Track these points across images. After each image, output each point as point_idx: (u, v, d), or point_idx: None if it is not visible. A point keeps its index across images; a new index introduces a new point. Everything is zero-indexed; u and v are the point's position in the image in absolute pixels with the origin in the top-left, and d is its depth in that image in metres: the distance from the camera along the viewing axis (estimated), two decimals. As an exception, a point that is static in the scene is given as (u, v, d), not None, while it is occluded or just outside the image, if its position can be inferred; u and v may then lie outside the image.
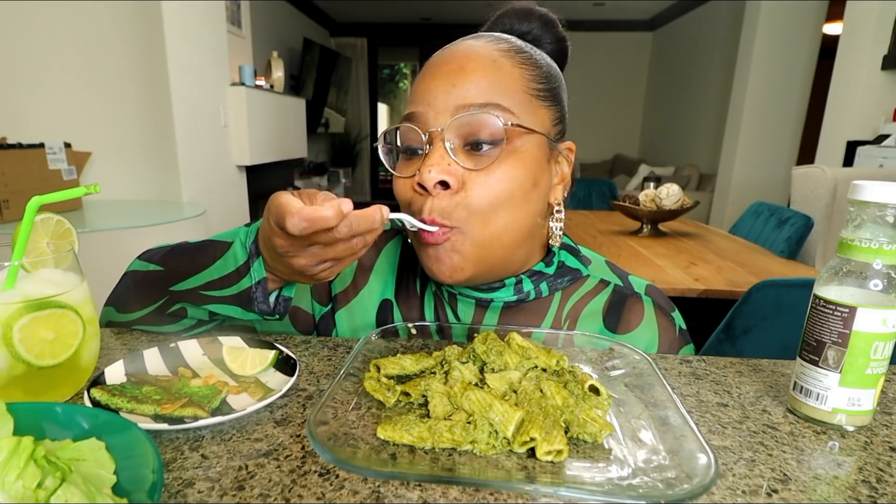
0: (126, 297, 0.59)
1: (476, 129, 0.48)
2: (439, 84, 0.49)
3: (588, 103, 6.72)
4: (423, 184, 0.48)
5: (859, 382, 0.43)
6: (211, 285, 0.51)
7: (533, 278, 0.57)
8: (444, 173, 0.48)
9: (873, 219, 0.42)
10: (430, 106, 0.50)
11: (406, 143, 0.52)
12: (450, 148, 0.48)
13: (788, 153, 4.19)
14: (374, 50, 7.06)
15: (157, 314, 0.57)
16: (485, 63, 0.50)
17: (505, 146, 0.49)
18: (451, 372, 0.47)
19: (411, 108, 0.52)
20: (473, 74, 0.49)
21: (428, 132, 0.49)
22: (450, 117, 0.48)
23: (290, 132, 3.75)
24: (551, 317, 0.58)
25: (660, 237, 2.12)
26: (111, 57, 2.22)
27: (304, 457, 0.38)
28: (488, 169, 0.49)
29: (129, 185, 2.36)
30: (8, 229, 1.70)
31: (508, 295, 0.56)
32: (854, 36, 2.96)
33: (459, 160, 0.49)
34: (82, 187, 0.47)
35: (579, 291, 0.59)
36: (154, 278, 0.56)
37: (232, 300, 0.51)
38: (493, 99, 0.49)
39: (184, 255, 0.54)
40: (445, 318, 0.61)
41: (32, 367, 0.42)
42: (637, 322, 0.57)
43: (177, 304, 0.55)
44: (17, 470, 0.27)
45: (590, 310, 0.58)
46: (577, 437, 0.41)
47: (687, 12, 5.53)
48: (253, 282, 0.49)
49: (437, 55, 0.53)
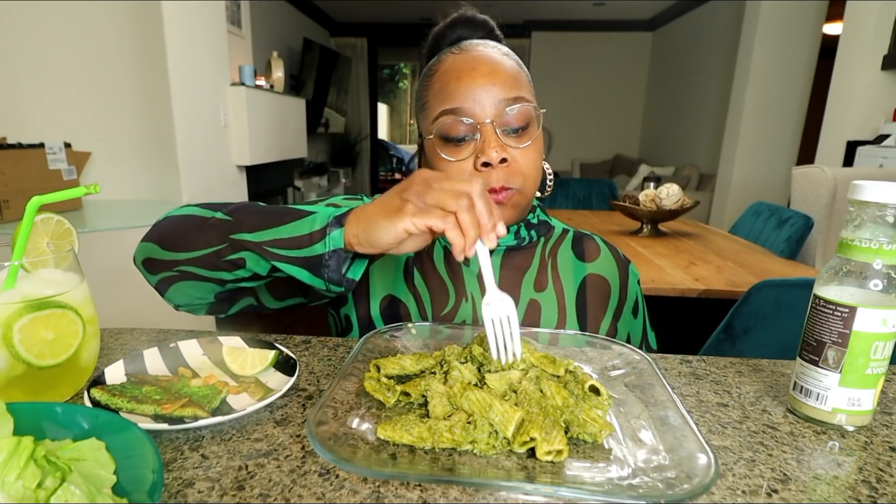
0: (176, 237, 0.59)
1: (516, 117, 0.63)
2: (481, 84, 0.62)
3: (588, 103, 6.72)
4: (491, 162, 0.61)
5: (859, 382, 0.43)
6: (278, 243, 0.52)
7: (526, 226, 0.71)
8: (504, 153, 0.62)
9: (873, 219, 0.42)
10: (476, 102, 0.62)
11: (455, 133, 0.63)
12: (500, 133, 0.62)
13: (788, 153, 4.18)
14: (374, 50, 7.06)
15: (212, 258, 0.56)
16: (504, 65, 0.64)
17: (533, 126, 0.64)
18: (450, 372, 0.47)
19: (455, 104, 0.63)
20: (503, 75, 0.63)
21: (479, 123, 0.62)
22: (493, 109, 0.62)
23: (290, 132, 3.75)
24: (538, 256, 0.73)
25: (660, 237, 2.12)
26: (111, 57, 2.21)
27: (304, 457, 0.38)
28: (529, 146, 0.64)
29: (129, 185, 2.36)
30: (8, 229, 1.70)
31: (510, 240, 0.70)
32: (854, 36, 2.96)
33: (509, 143, 0.63)
34: (82, 187, 0.47)
35: (552, 237, 0.76)
36: (215, 224, 0.57)
37: (300, 262, 0.52)
38: (518, 92, 0.63)
39: (256, 211, 0.56)
40: (458, 266, 0.71)
41: (32, 367, 0.42)
42: (597, 252, 0.75)
43: (237, 252, 0.55)
44: (17, 470, 0.27)
45: (563, 248, 0.75)
46: (577, 437, 0.41)
47: (687, 12, 5.53)
48: (328, 249, 0.50)
49: (455, 59, 0.65)
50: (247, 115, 2.92)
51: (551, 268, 0.72)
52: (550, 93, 6.63)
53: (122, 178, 2.34)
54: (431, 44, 0.71)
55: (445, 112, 0.63)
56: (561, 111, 6.66)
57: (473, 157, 0.63)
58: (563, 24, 6.43)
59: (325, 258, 0.50)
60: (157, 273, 0.61)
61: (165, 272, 0.60)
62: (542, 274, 0.71)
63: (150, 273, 0.62)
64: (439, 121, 0.63)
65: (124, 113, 2.28)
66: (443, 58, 0.66)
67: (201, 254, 0.57)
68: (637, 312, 0.77)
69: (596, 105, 6.74)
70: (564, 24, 6.43)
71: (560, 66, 6.60)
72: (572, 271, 0.72)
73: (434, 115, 0.64)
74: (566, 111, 6.67)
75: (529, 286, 0.70)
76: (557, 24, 6.46)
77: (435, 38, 0.71)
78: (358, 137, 7.07)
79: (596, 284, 0.72)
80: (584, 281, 0.72)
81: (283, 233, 0.52)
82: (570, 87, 6.67)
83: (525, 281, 0.70)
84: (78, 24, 2.16)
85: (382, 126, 7.97)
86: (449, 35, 0.70)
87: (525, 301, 0.69)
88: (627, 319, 0.75)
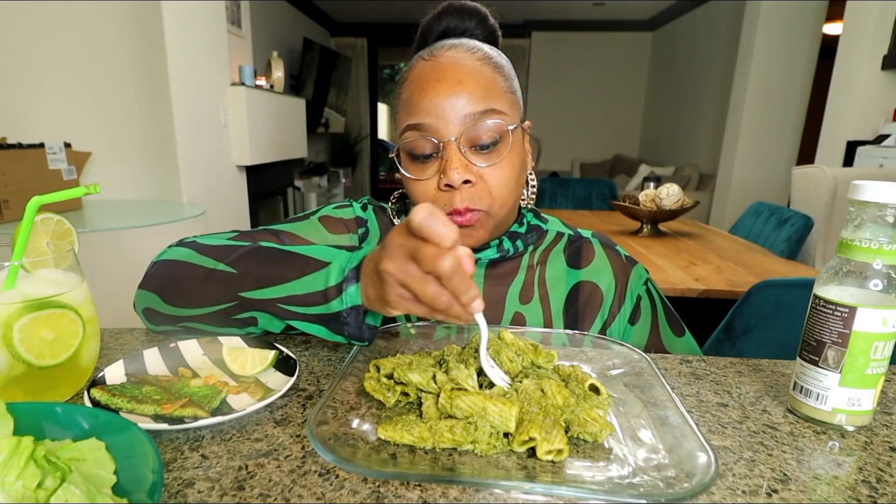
0: (178, 290, 0.56)
1: (483, 133, 0.58)
2: (444, 98, 0.57)
3: (588, 103, 6.72)
4: (452, 184, 0.57)
5: (859, 382, 0.43)
6: (292, 300, 0.49)
7: (510, 238, 0.67)
8: (467, 174, 0.58)
9: (873, 219, 0.42)
10: (439, 118, 0.58)
11: (419, 150, 0.59)
12: (464, 151, 0.58)
13: (788, 153, 4.18)
14: (374, 50, 7.06)
15: (220, 316, 0.54)
16: (474, 74, 0.59)
17: (504, 142, 0.59)
18: (449, 372, 0.47)
19: (418, 119, 0.59)
20: (470, 86, 0.58)
21: (442, 142, 0.58)
22: (459, 125, 0.57)
23: (290, 132, 3.75)
24: (525, 266, 0.69)
25: (660, 237, 2.12)
26: (111, 57, 2.21)
27: (304, 457, 0.38)
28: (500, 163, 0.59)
29: (129, 185, 2.36)
30: (8, 229, 1.70)
31: (492, 254, 0.66)
32: (854, 36, 2.96)
33: (475, 161, 0.58)
34: (82, 187, 0.47)
35: (543, 243, 0.72)
36: (221, 278, 0.53)
37: (317, 319, 0.49)
38: (489, 104, 0.58)
39: (265, 263, 0.52)
40: None
41: (32, 367, 0.42)
42: (591, 257, 0.71)
43: (247, 312, 0.52)
44: (17, 470, 0.27)
45: (554, 255, 0.71)
46: (577, 437, 0.41)
47: (687, 12, 5.53)
48: (345, 306, 0.47)
49: (424, 66, 0.60)
50: (247, 115, 2.92)
51: (538, 278, 0.69)
52: (550, 93, 6.64)
53: (122, 178, 2.34)
54: (419, 37, 0.67)
55: (410, 127, 0.59)
56: (561, 111, 6.66)
57: (438, 177, 0.59)
58: (563, 24, 6.43)
59: (344, 315, 0.48)
60: (160, 325, 0.60)
61: (169, 325, 0.58)
62: (529, 285, 0.68)
63: (152, 323, 0.60)
64: (405, 136, 0.60)
65: (124, 113, 2.28)
66: (414, 64, 0.62)
67: (208, 311, 0.54)
68: (638, 319, 0.70)
69: (596, 105, 6.74)
70: (564, 24, 6.43)
71: (560, 66, 6.60)
72: (562, 279, 0.69)
73: (401, 128, 0.61)
74: (566, 111, 6.68)
75: (514, 299, 0.67)
76: (557, 24, 6.46)
77: (422, 31, 0.67)
78: (358, 137, 7.07)
79: (586, 292, 0.69)
80: (575, 289, 0.69)
81: (296, 288, 0.49)
82: (570, 87, 6.67)
83: (510, 293, 0.67)
84: (78, 24, 2.16)
85: (382, 126, 7.97)
86: (436, 27, 0.65)
87: (510, 314, 0.67)
88: (621, 328, 0.70)
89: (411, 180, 0.61)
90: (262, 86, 3.35)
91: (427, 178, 0.60)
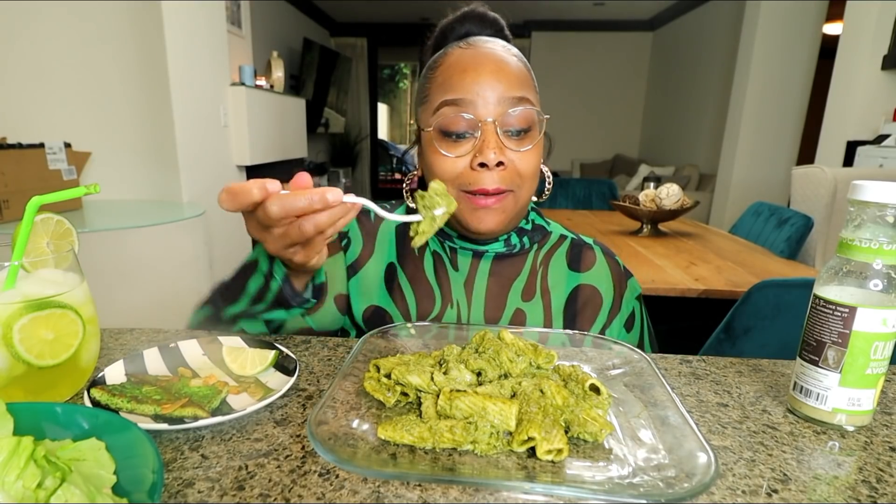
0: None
1: (517, 119, 0.60)
2: (486, 79, 0.60)
3: (588, 103, 6.72)
4: (488, 164, 0.59)
5: (859, 382, 0.43)
6: (255, 300, 0.56)
7: (518, 234, 0.69)
8: (502, 156, 0.60)
9: (873, 219, 0.42)
10: (478, 96, 0.60)
11: (454, 127, 0.61)
12: (501, 134, 0.60)
13: (788, 153, 4.18)
14: (374, 50, 7.06)
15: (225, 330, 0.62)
16: (513, 64, 0.62)
17: (534, 131, 0.62)
18: (449, 372, 0.47)
19: (458, 95, 0.60)
20: (511, 74, 0.61)
21: (480, 121, 0.60)
22: (496, 107, 0.60)
23: (290, 132, 3.75)
24: (529, 264, 0.71)
25: (660, 237, 2.12)
26: (111, 57, 2.21)
27: (304, 457, 0.38)
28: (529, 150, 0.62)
29: (129, 185, 2.36)
30: (8, 229, 1.70)
31: (500, 247, 0.69)
32: (854, 36, 2.96)
33: (508, 145, 0.61)
34: (82, 187, 0.47)
35: (547, 244, 0.73)
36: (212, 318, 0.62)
37: (274, 306, 0.56)
38: (524, 94, 0.61)
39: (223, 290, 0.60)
40: (445, 272, 0.70)
41: (32, 367, 0.42)
42: (592, 262, 0.73)
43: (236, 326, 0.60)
44: (17, 470, 0.27)
45: (556, 257, 0.72)
46: (577, 437, 0.41)
47: (687, 12, 5.53)
48: (279, 282, 0.53)
49: (463, 53, 0.63)
50: (247, 116, 2.92)
51: (541, 276, 0.70)
52: (550, 93, 6.63)
53: (122, 178, 2.34)
54: (438, 36, 0.69)
55: (447, 103, 0.61)
56: (561, 111, 6.65)
57: (471, 156, 0.60)
58: (563, 24, 6.43)
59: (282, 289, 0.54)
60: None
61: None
62: (532, 282, 0.69)
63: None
64: (440, 112, 0.61)
65: (124, 113, 2.28)
66: (449, 51, 0.64)
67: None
68: (632, 327, 0.73)
69: (596, 105, 6.74)
70: (564, 24, 6.43)
71: (560, 66, 6.60)
72: (563, 280, 0.70)
73: (435, 105, 0.62)
74: (566, 111, 6.67)
75: (517, 295, 0.69)
76: (557, 24, 6.46)
77: (442, 31, 0.69)
78: (358, 137, 7.07)
79: (587, 295, 0.70)
80: (575, 291, 0.70)
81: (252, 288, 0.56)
82: (571, 87, 6.67)
83: (513, 289, 0.69)
84: (78, 24, 2.16)
85: (382, 126, 7.97)
86: (457, 29, 0.68)
87: (511, 309, 0.68)
88: (617, 332, 0.72)
89: (441, 156, 0.62)
90: (263, 86, 3.35)
91: (460, 155, 0.61)
